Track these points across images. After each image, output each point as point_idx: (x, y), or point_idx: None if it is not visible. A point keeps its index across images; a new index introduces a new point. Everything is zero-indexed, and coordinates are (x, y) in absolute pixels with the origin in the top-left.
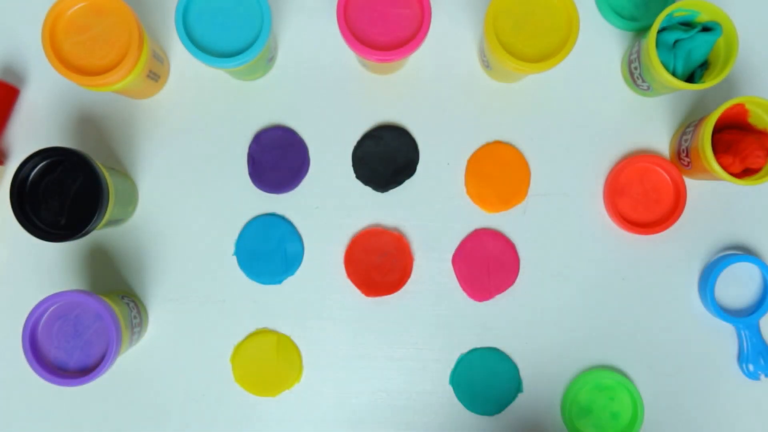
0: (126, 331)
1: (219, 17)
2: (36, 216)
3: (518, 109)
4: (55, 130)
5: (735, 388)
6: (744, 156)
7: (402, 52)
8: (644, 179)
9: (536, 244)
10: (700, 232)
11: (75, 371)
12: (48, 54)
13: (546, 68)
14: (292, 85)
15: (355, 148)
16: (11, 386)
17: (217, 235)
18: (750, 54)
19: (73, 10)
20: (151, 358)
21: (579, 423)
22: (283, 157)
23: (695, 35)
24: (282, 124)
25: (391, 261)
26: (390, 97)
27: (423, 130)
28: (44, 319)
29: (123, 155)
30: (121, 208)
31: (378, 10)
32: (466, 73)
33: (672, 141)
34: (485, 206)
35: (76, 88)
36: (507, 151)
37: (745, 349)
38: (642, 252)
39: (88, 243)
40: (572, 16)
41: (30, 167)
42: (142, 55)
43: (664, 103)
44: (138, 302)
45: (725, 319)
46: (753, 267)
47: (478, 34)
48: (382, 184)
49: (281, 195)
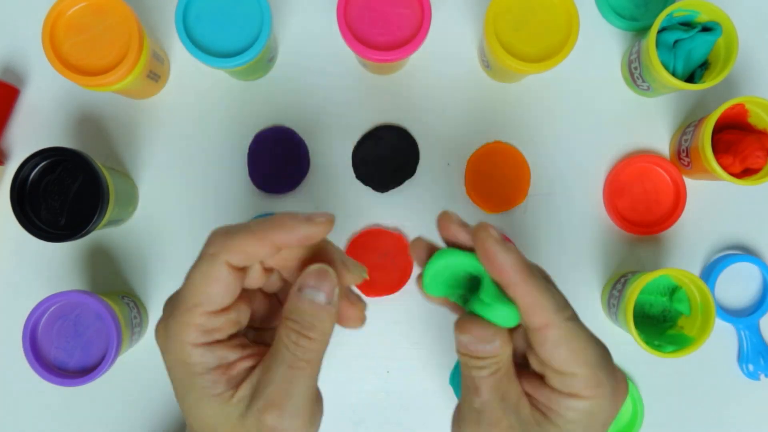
0: (126, 331)
1: (219, 17)
2: (36, 216)
3: (518, 109)
4: (55, 130)
5: (735, 388)
6: (744, 156)
7: (402, 52)
8: (644, 179)
9: (536, 244)
10: (700, 232)
11: (75, 371)
12: (48, 54)
13: (546, 68)
14: (292, 85)
15: (355, 148)
16: (11, 386)
17: None
18: (750, 54)
19: (73, 10)
20: (151, 358)
21: None
22: (283, 157)
23: (695, 35)
24: (282, 124)
25: (391, 261)
26: (390, 97)
27: (423, 130)
28: (44, 319)
29: (123, 155)
30: (121, 208)
31: (378, 10)
32: (466, 73)
33: (672, 141)
34: (485, 206)
35: (76, 88)
36: (507, 151)
37: (745, 349)
38: (642, 252)
39: (88, 243)
40: (572, 16)
41: (30, 167)
42: (142, 55)
43: (664, 103)
44: (138, 302)
45: (725, 319)
46: (753, 267)
47: (478, 34)
48: (382, 184)
49: (281, 195)
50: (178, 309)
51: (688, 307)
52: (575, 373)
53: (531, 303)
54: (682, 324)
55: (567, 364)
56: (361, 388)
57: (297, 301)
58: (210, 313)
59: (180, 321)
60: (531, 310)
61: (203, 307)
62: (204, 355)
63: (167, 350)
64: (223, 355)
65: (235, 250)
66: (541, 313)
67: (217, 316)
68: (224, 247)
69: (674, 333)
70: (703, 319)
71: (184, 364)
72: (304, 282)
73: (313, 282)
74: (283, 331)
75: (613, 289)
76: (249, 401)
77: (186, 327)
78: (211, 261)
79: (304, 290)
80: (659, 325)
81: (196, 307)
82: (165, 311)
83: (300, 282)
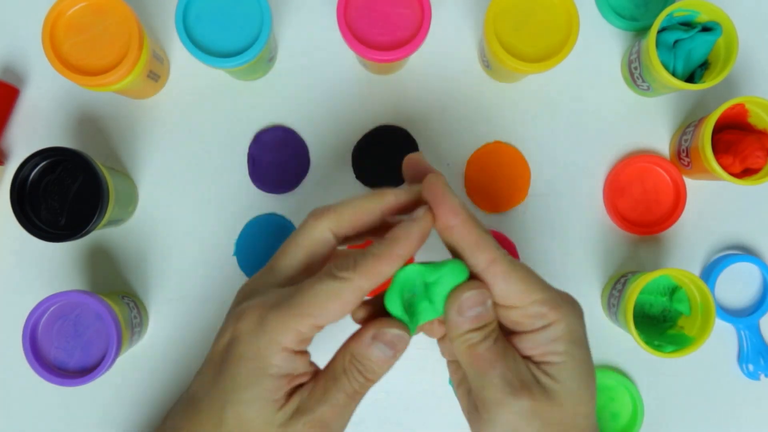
0: (126, 331)
1: (219, 17)
2: (36, 216)
3: (518, 109)
4: (55, 130)
5: (735, 388)
6: (744, 156)
7: (402, 52)
8: (644, 179)
9: (536, 244)
10: (700, 232)
11: (75, 371)
12: (48, 54)
13: (546, 68)
14: (292, 85)
15: (355, 148)
16: (11, 386)
17: (217, 235)
18: (750, 54)
19: (73, 10)
20: (151, 358)
21: None
22: (283, 157)
23: (695, 35)
24: (282, 124)
25: None
26: (390, 97)
27: (423, 130)
28: (44, 319)
29: (123, 155)
30: (121, 208)
31: (378, 10)
32: (466, 73)
33: (672, 141)
34: (485, 206)
35: (76, 88)
36: (507, 151)
37: (745, 349)
38: (642, 252)
39: (88, 243)
40: (572, 16)
41: (30, 167)
42: (142, 55)
43: (664, 103)
44: (138, 302)
45: (725, 319)
46: (753, 267)
47: (478, 34)
48: (382, 184)
49: (281, 195)
50: (286, 308)
51: (688, 307)
52: (535, 300)
53: (475, 240)
54: (682, 324)
55: (525, 294)
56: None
57: (368, 350)
58: (316, 326)
59: (284, 321)
60: (476, 247)
61: (316, 320)
62: (286, 361)
63: (252, 341)
64: (298, 366)
65: (372, 274)
66: (486, 249)
67: (318, 330)
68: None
69: (674, 333)
70: (703, 319)
71: (264, 361)
72: (382, 336)
73: (389, 340)
74: (347, 365)
75: (613, 289)
76: (292, 414)
77: (288, 331)
78: (346, 285)
79: (379, 344)
80: (659, 325)
81: (308, 317)
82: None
83: (377, 333)
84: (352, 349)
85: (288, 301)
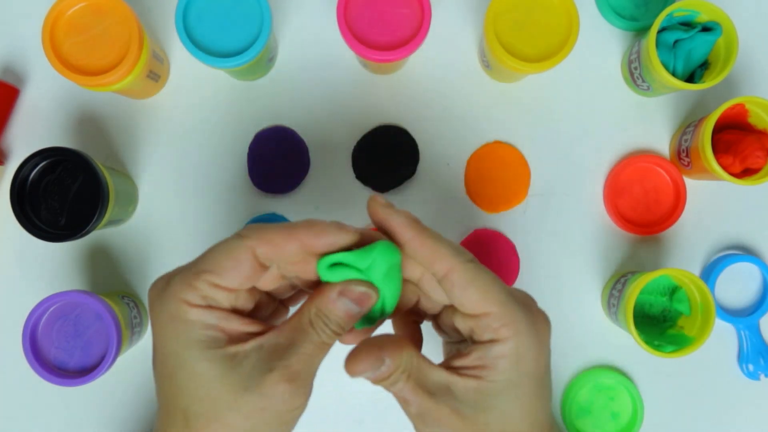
0: (126, 331)
1: (219, 17)
2: (36, 216)
3: (518, 109)
4: (55, 130)
5: (735, 388)
6: (744, 156)
7: (402, 52)
8: (644, 179)
9: (536, 244)
10: (700, 232)
11: (75, 371)
12: (48, 54)
13: (546, 68)
14: (292, 85)
15: (355, 148)
16: (11, 386)
17: (217, 235)
18: (750, 54)
19: (73, 10)
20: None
21: (579, 423)
22: (283, 157)
23: (695, 35)
24: (282, 124)
25: None
26: (390, 97)
27: (423, 130)
28: (44, 319)
29: (123, 155)
30: (121, 208)
31: (378, 10)
32: (466, 73)
33: (672, 141)
34: (485, 206)
35: (76, 88)
36: (507, 151)
37: (745, 349)
38: (642, 252)
39: (88, 243)
40: (572, 16)
41: (30, 167)
42: (142, 55)
43: (664, 103)
44: (138, 302)
45: (725, 319)
46: (753, 267)
47: (478, 34)
48: (382, 184)
49: (281, 195)
50: (187, 268)
51: (688, 307)
52: (488, 312)
53: (429, 252)
54: (682, 324)
55: (479, 304)
56: (361, 388)
57: (333, 305)
58: (214, 284)
59: (182, 280)
60: (432, 258)
61: (211, 275)
62: (202, 315)
63: (160, 306)
64: (222, 317)
65: (264, 239)
66: (442, 259)
67: (218, 291)
68: (255, 234)
69: (674, 333)
70: (703, 319)
71: (181, 321)
72: (349, 292)
73: (356, 297)
74: (312, 318)
75: (613, 289)
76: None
77: (187, 287)
78: (238, 241)
79: (344, 299)
80: (659, 325)
81: (203, 273)
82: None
83: (344, 289)
84: (318, 303)
85: (188, 264)
